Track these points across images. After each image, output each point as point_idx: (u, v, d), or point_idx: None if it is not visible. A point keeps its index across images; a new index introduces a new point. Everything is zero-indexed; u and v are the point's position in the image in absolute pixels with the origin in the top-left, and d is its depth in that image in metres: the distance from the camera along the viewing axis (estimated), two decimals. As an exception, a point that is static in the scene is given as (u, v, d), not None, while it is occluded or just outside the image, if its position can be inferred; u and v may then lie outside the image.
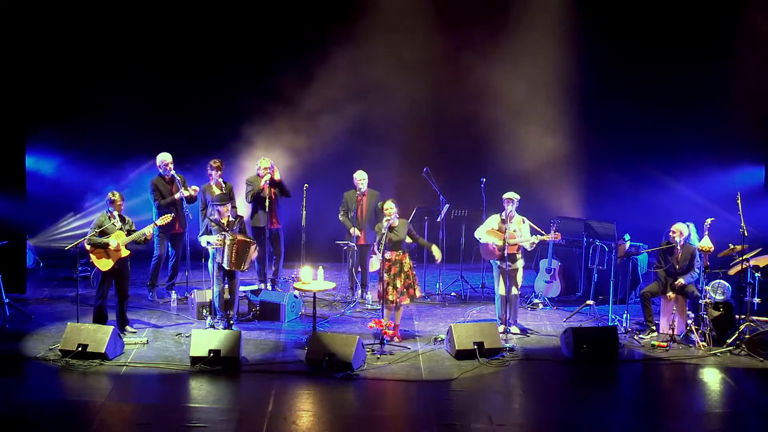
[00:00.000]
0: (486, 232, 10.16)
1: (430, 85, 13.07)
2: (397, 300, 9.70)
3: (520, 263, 10.14)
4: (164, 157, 11.09)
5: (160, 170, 11.10)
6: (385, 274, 9.63)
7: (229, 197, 10.35)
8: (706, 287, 9.96)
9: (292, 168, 12.43)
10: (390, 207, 9.67)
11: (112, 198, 9.63)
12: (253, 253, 9.87)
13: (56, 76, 12.89)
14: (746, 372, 9.16)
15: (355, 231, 11.15)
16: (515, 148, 13.06)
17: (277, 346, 9.67)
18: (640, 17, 13.10)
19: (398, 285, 9.68)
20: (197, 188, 11.16)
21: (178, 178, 11.11)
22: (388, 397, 8.58)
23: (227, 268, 9.76)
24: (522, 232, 10.04)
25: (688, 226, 10.15)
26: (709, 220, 9.87)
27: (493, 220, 10.21)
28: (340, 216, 11.35)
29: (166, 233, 11.07)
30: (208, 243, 9.87)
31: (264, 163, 11.28)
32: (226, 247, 9.68)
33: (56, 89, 12.97)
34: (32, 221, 12.43)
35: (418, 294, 9.92)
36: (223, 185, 11.14)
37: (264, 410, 7.85)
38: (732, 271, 10.31)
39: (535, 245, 10.20)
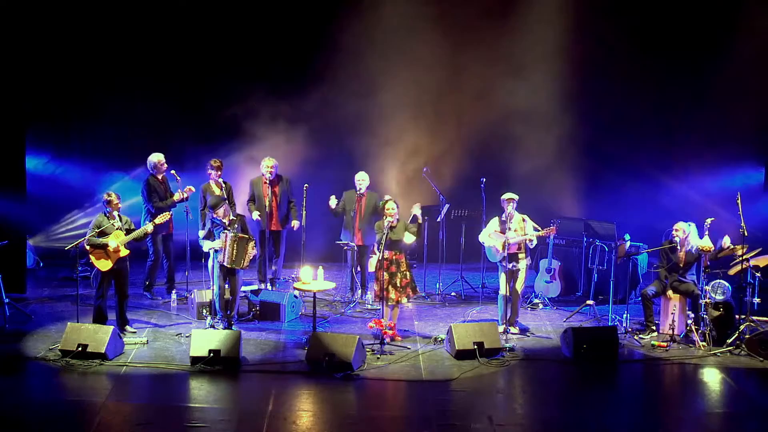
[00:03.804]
0: (489, 236, 10.19)
1: (430, 84, 13.05)
2: (398, 298, 9.72)
3: (523, 264, 10.11)
4: (159, 157, 11.08)
5: (154, 171, 11.07)
6: (384, 273, 9.65)
7: (223, 199, 10.25)
8: (706, 287, 9.96)
9: (293, 167, 12.41)
10: (392, 207, 9.71)
11: (109, 198, 9.61)
12: (252, 250, 9.85)
13: (56, 77, 12.89)
14: (746, 372, 9.16)
15: (333, 199, 11.10)
16: (515, 148, 13.05)
17: (277, 346, 9.67)
18: (639, 17, 13.09)
19: (398, 283, 9.70)
20: (192, 188, 11.11)
21: (177, 178, 11.08)
22: (388, 397, 8.58)
23: (227, 266, 9.76)
24: (525, 230, 10.03)
25: (689, 225, 10.15)
26: (709, 220, 9.88)
27: (494, 223, 10.21)
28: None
29: (160, 233, 11.02)
30: (211, 248, 9.84)
31: (268, 162, 11.29)
32: (227, 245, 9.68)
33: (56, 89, 12.97)
34: (32, 221, 12.42)
35: (417, 291, 10.05)
36: (223, 185, 11.13)
37: (264, 410, 7.86)
38: (732, 271, 10.32)
39: (534, 242, 10.19)
